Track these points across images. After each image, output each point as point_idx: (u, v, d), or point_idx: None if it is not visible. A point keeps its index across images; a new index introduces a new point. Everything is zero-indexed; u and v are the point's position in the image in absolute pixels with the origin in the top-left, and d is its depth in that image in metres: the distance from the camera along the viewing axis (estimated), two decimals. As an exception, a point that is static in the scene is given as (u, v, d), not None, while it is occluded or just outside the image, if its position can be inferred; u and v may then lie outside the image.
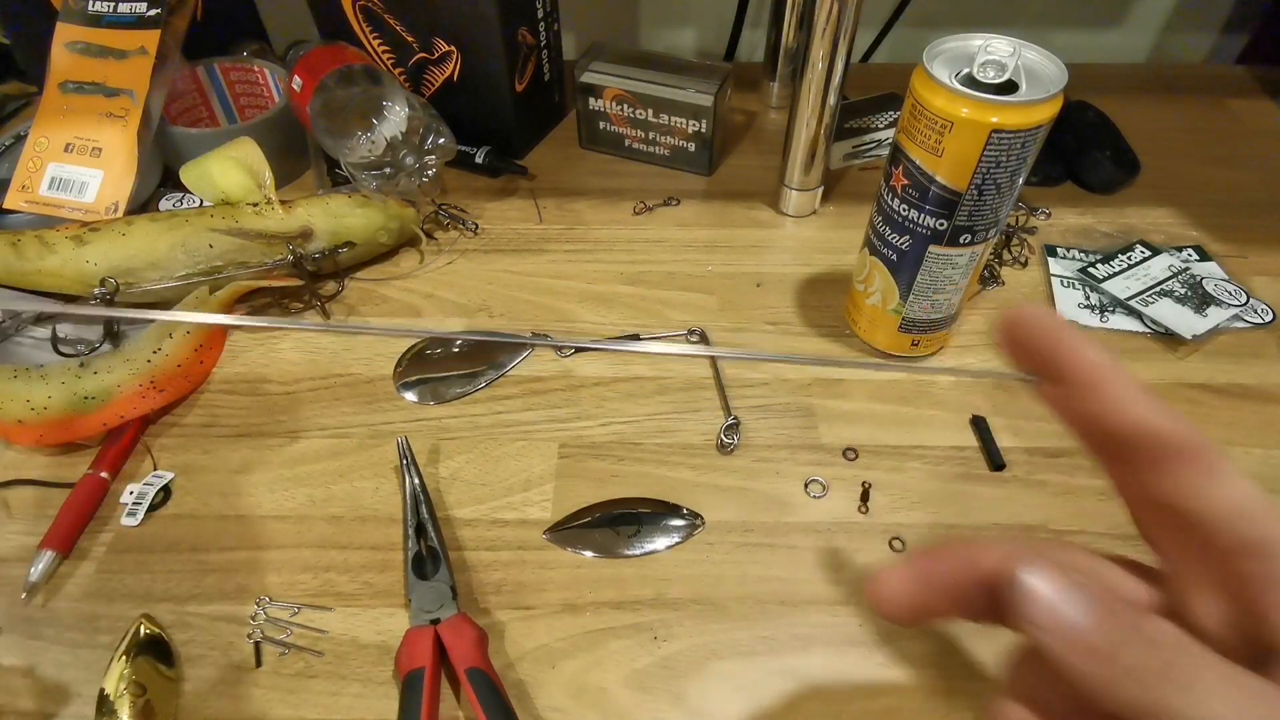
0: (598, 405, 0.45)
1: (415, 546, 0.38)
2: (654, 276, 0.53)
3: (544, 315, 0.51)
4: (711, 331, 0.49)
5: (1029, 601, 0.16)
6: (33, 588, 0.37)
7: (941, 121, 0.35)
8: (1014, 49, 0.35)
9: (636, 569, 0.38)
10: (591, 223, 0.57)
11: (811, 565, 0.38)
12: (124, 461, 0.43)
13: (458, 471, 0.42)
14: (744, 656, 0.35)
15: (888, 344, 0.47)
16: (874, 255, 0.43)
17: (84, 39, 0.53)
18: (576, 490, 0.41)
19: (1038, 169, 0.60)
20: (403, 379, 0.47)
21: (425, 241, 0.55)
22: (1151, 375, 0.47)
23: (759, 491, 0.41)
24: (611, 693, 0.34)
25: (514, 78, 0.58)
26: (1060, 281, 0.52)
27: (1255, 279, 0.52)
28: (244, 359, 0.48)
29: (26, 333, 0.49)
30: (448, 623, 0.35)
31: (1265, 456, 0.43)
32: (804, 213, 0.58)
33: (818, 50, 0.48)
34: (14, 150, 0.58)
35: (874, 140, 0.63)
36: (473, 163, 0.60)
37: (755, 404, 0.45)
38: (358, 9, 0.57)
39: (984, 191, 0.37)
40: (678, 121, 0.59)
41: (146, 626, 0.35)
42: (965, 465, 0.42)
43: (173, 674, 0.35)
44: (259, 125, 0.56)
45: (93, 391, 0.42)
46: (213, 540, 0.40)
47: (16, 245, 0.46)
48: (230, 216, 0.48)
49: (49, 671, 0.35)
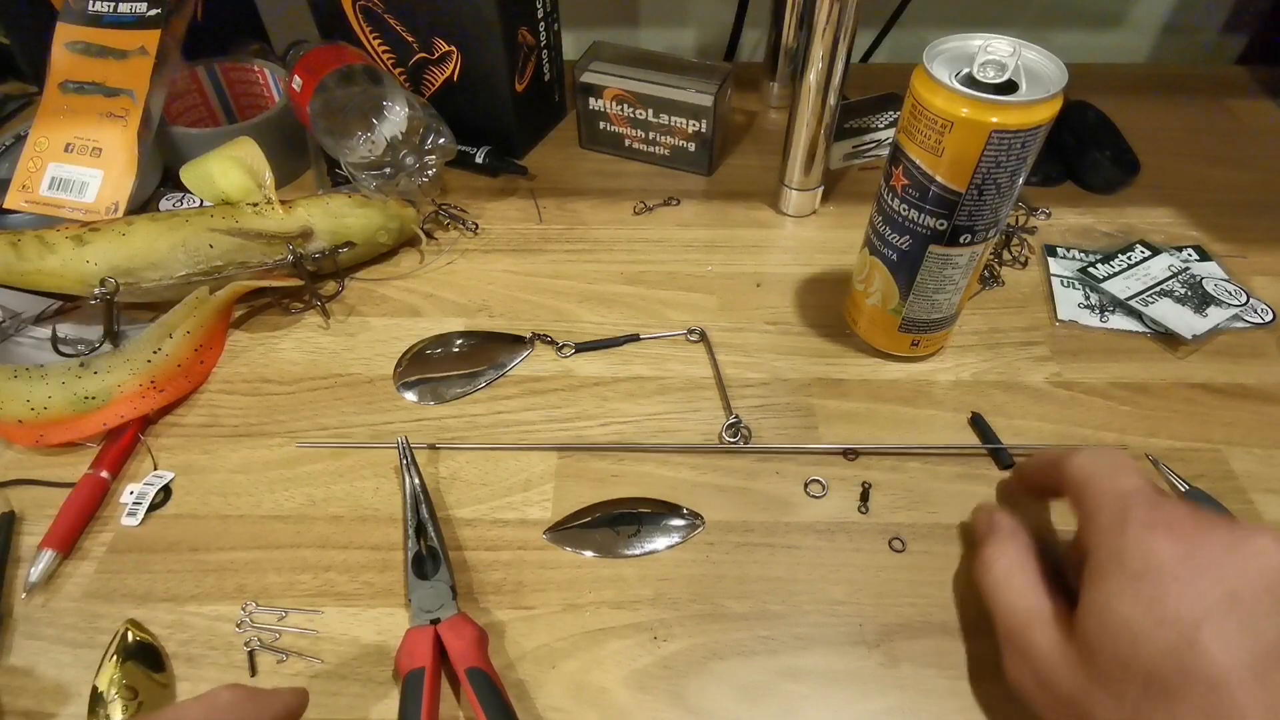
0: (598, 405, 0.45)
1: (415, 546, 0.38)
2: (654, 276, 0.53)
3: (544, 315, 0.51)
4: (711, 331, 0.49)
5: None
6: (33, 587, 0.37)
7: (941, 121, 0.35)
8: (1014, 49, 0.35)
9: (636, 569, 0.38)
10: (591, 223, 0.57)
11: (811, 565, 0.38)
12: (124, 461, 0.43)
13: (458, 471, 0.42)
14: (744, 656, 0.35)
15: (888, 344, 0.47)
16: (874, 255, 0.43)
17: (84, 39, 0.53)
18: (576, 490, 0.41)
19: (1038, 169, 0.60)
20: (403, 379, 0.47)
21: (425, 241, 0.55)
22: (1151, 375, 0.47)
23: (759, 491, 0.41)
24: (611, 692, 0.34)
25: (514, 78, 0.58)
26: (1060, 281, 0.52)
27: (1255, 279, 0.52)
28: (244, 359, 0.48)
29: (26, 333, 0.49)
30: (448, 623, 0.35)
31: (1265, 456, 0.43)
32: (804, 213, 0.58)
33: (818, 50, 0.48)
34: (14, 150, 0.58)
35: (874, 140, 0.63)
36: (473, 163, 0.60)
37: (755, 404, 0.45)
38: (358, 9, 0.57)
39: (984, 191, 0.37)
40: (678, 121, 0.59)
41: (134, 632, 0.35)
42: (965, 465, 0.42)
43: (163, 679, 0.34)
44: (259, 125, 0.56)
45: (93, 391, 0.42)
46: (212, 540, 0.40)
47: (16, 245, 0.46)
48: (230, 216, 0.48)
49: (49, 671, 0.35)
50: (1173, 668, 0.24)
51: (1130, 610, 0.25)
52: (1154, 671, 0.24)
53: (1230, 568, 0.25)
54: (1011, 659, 0.30)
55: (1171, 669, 0.24)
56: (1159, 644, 0.25)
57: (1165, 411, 0.45)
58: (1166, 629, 0.25)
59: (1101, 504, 0.29)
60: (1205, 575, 0.25)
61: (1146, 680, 0.24)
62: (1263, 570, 0.25)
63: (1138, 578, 0.26)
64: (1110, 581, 0.26)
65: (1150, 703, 0.24)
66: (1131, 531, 0.27)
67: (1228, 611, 0.24)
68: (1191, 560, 0.26)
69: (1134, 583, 0.26)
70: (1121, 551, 0.27)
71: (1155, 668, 0.24)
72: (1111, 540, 0.27)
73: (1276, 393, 0.46)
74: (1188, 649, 0.24)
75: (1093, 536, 0.28)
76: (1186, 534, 0.26)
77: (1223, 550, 0.26)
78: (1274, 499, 0.41)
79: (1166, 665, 0.24)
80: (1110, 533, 0.28)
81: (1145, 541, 0.26)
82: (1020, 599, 0.30)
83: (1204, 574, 0.25)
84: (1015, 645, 0.29)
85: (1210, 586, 0.25)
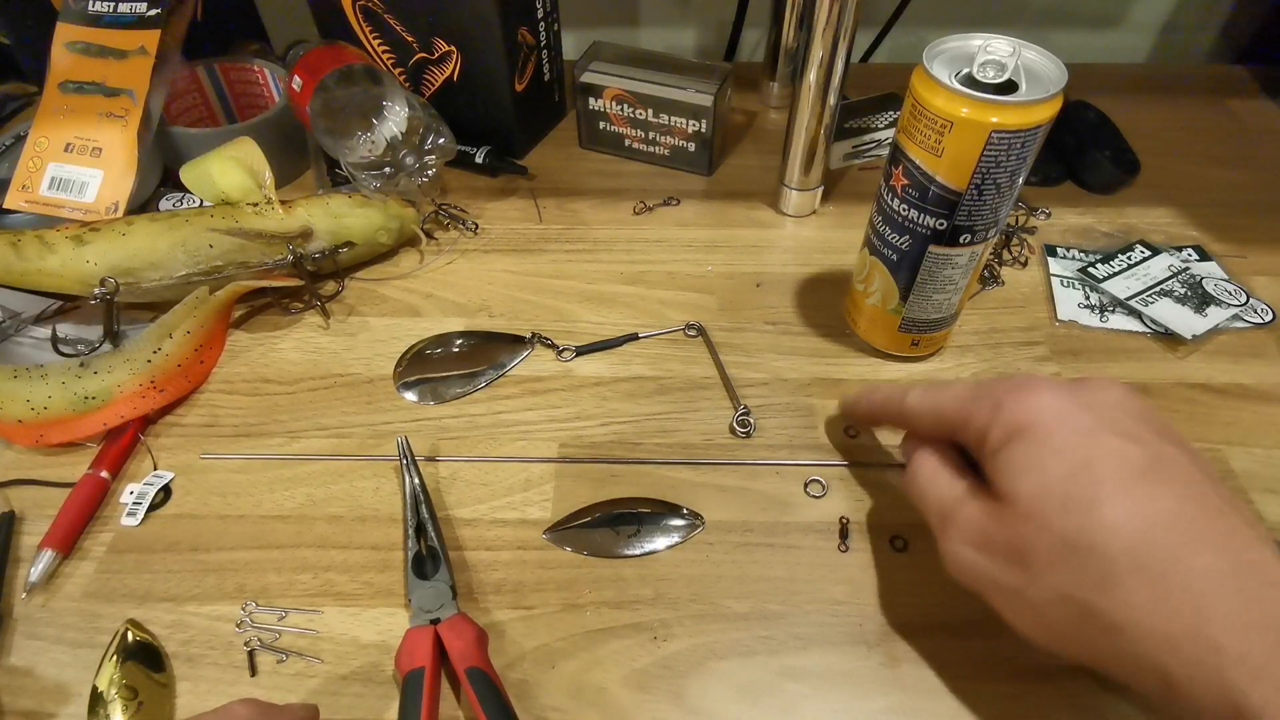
0: (598, 405, 0.45)
1: (415, 546, 0.38)
2: (654, 276, 0.53)
3: (544, 315, 0.51)
4: (711, 331, 0.49)
5: None
6: (33, 587, 0.37)
7: (941, 121, 0.35)
8: (1014, 49, 0.36)
9: (636, 569, 0.38)
10: (591, 223, 0.57)
11: (811, 565, 0.38)
12: (124, 461, 0.43)
13: (458, 471, 0.42)
14: (744, 656, 0.35)
15: (888, 344, 0.47)
16: (874, 255, 0.43)
17: (84, 39, 0.53)
18: (576, 490, 0.41)
19: (1038, 169, 0.60)
20: (403, 379, 0.47)
21: (425, 241, 0.55)
22: (1151, 375, 0.47)
23: (759, 491, 0.41)
24: (611, 692, 0.34)
25: (514, 78, 0.58)
26: (1060, 281, 0.52)
27: (1255, 279, 0.52)
28: (244, 359, 0.48)
29: (26, 333, 0.49)
30: (448, 622, 0.35)
31: (1265, 456, 0.43)
32: (804, 213, 0.58)
33: (818, 50, 0.48)
34: (14, 150, 0.58)
35: (874, 140, 0.63)
36: (473, 163, 0.60)
37: (755, 403, 0.45)
38: (358, 9, 0.57)
39: (984, 191, 0.37)
40: (678, 121, 0.59)
41: (134, 632, 0.35)
42: (965, 465, 0.42)
43: (164, 679, 0.34)
44: (259, 125, 0.56)
45: (93, 391, 0.42)
46: (212, 540, 0.40)
47: (16, 245, 0.46)
48: (230, 216, 0.48)
49: (49, 671, 0.35)
50: (1081, 488, 0.28)
51: (1029, 454, 0.29)
52: (1069, 492, 0.28)
53: (1088, 397, 0.30)
54: (948, 539, 0.32)
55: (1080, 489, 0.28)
56: (1060, 470, 0.28)
57: (1165, 411, 0.45)
58: (1066, 456, 0.29)
59: (967, 409, 0.33)
60: (1074, 407, 0.30)
61: (1063, 501, 0.28)
62: (1110, 396, 0.31)
63: (1025, 430, 0.30)
64: (1008, 445, 0.30)
65: (1075, 515, 0.28)
66: (1005, 404, 0.31)
67: (1104, 428, 0.29)
68: (1059, 401, 0.30)
69: (1023, 435, 0.30)
70: (1005, 422, 0.31)
71: (1068, 490, 0.28)
72: (993, 420, 0.31)
73: (1276, 393, 0.46)
74: (1084, 469, 0.28)
75: (975, 427, 0.32)
76: (1041, 386, 0.31)
77: (1076, 387, 0.31)
78: (1274, 499, 0.41)
79: (1076, 484, 0.28)
80: (990, 417, 0.31)
81: (1019, 405, 0.31)
82: (949, 488, 0.33)
83: (1073, 407, 0.30)
84: (951, 524, 0.32)
85: (1082, 413, 0.30)
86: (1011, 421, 0.30)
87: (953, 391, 0.34)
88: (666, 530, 0.40)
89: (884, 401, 0.39)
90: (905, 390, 0.37)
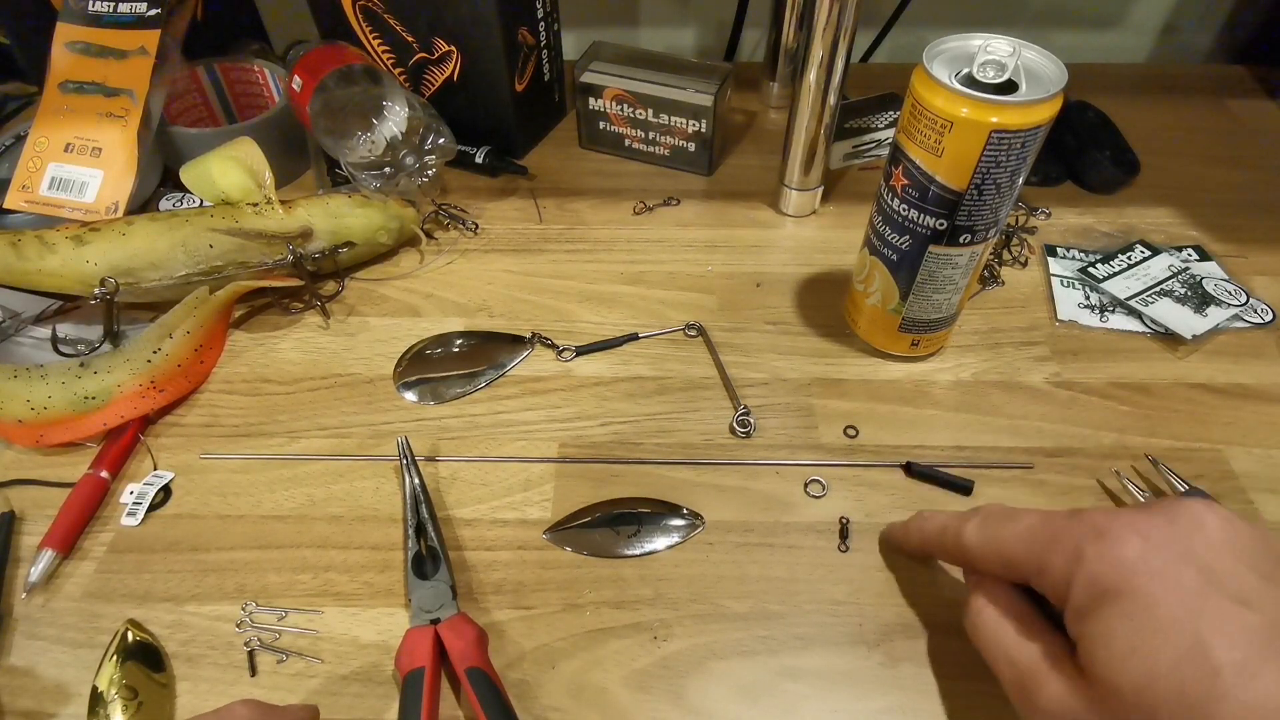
0: (598, 405, 0.45)
1: (415, 546, 0.38)
2: (654, 276, 0.53)
3: (544, 315, 0.51)
4: (711, 331, 0.49)
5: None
6: (33, 587, 0.37)
7: (941, 121, 0.35)
8: (1014, 49, 0.36)
9: (636, 569, 0.38)
10: (591, 223, 0.57)
11: (811, 565, 0.38)
12: (124, 461, 0.43)
13: (458, 471, 0.42)
14: (744, 656, 0.35)
15: (888, 344, 0.47)
16: (874, 255, 0.43)
17: (84, 39, 0.53)
18: (576, 490, 0.41)
19: (1038, 169, 0.60)
20: (403, 379, 0.47)
21: (425, 241, 0.55)
22: (1151, 375, 0.47)
23: (759, 491, 0.41)
24: (611, 692, 0.34)
25: (514, 78, 0.58)
26: (1060, 281, 0.52)
27: (1255, 279, 0.52)
28: (244, 359, 0.48)
29: (26, 333, 0.49)
30: (448, 622, 0.35)
31: (1265, 456, 0.43)
32: (804, 213, 0.58)
33: (818, 50, 0.48)
34: (14, 150, 0.58)
35: (874, 140, 0.63)
36: (473, 163, 0.60)
37: (755, 403, 0.45)
38: (358, 9, 0.57)
39: (984, 191, 0.37)
40: (678, 121, 0.59)
41: (134, 632, 0.35)
42: (966, 466, 0.42)
43: (164, 679, 0.34)
44: (259, 125, 0.56)
45: (93, 391, 0.42)
46: (212, 540, 0.40)
47: (16, 245, 0.46)
48: (230, 216, 0.48)
49: (49, 671, 0.35)
50: (1197, 682, 0.24)
51: (1129, 631, 0.25)
52: (1184, 688, 0.24)
53: (1185, 543, 0.26)
54: (1027, 712, 0.28)
55: (1196, 683, 0.24)
56: (1170, 655, 0.24)
57: (1165, 411, 0.45)
58: (1173, 636, 0.25)
59: (1039, 556, 0.29)
60: (1172, 561, 0.26)
61: (1178, 696, 0.24)
62: (1209, 536, 0.26)
63: (1119, 595, 0.26)
64: (1099, 611, 0.26)
65: (1194, 714, 0.24)
66: (1089, 555, 0.27)
67: (1211, 588, 0.25)
68: (1153, 553, 0.26)
69: (1118, 601, 0.26)
70: (1091, 579, 0.27)
71: (1183, 685, 0.24)
72: (1074, 572, 0.27)
73: (1276, 393, 0.46)
74: (1197, 651, 0.24)
75: (1051, 580, 0.28)
76: (1127, 532, 0.27)
77: (1167, 527, 0.26)
78: (1274, 499, 0.41)
79: (1190, 674, 0.24)
80: (1069, 569, 0.27)
81: (1105, 558, 0.26)
82: (1019, 649, 0.29)
83: (1170, 561, 0.26)
84: (1027, 698, 0.28)
85: (1182, 568, 0.25)
86: (1098, 581, 0.26)
87: (1019, 529, 0.30)
88: (666, 530, 0.40)
89: (939, 533, 0.34)
90: (963, 521, 0.32)
